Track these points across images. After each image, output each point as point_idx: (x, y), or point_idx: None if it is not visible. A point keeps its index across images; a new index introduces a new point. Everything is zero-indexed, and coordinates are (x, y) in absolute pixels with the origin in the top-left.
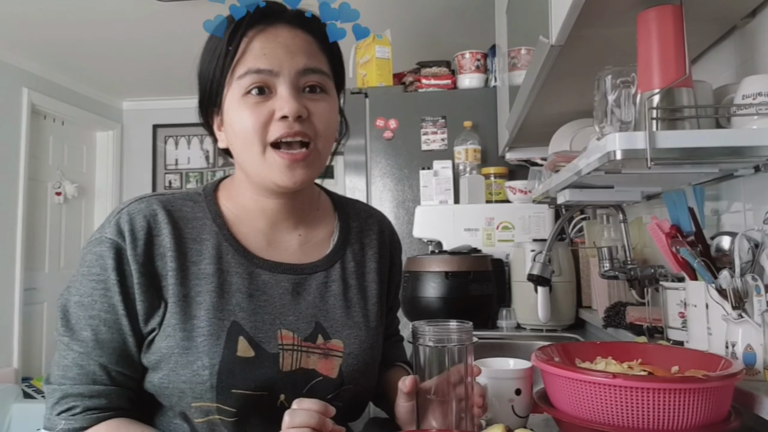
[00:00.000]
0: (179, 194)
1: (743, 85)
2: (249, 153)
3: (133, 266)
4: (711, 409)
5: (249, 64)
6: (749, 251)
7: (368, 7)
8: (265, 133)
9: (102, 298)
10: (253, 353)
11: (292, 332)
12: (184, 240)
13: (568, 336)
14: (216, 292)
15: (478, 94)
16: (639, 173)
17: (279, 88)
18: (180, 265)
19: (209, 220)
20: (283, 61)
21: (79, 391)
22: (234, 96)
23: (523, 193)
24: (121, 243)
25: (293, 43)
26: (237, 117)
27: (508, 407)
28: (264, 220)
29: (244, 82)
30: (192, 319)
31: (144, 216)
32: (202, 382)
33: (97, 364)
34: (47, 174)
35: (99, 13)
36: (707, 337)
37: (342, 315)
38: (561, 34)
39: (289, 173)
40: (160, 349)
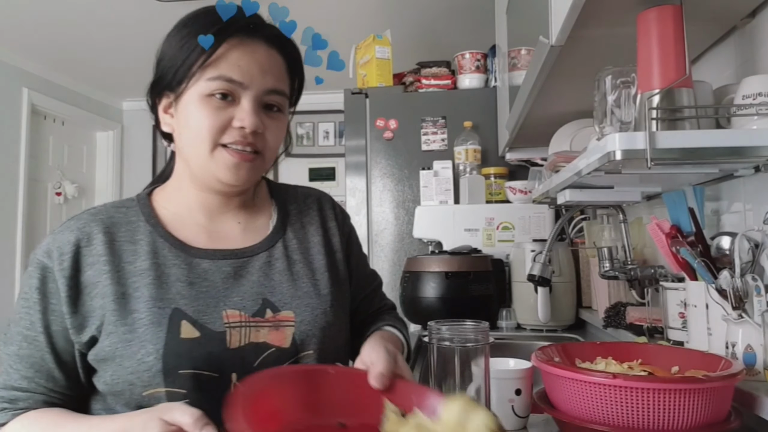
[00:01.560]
0: (111, 204)
1: (743, 86)
2: (198, 149)
3: (60, 282)
4: (711, 409)
5: (222, 71)
6: (749, 251)
7: (368, 7)
8: (220, 136)
9: (26, 315)
10: (198, 334)
11: (238, 311)
12: (117, 243)
13: (568, 336)
14: (153, 284)
15: (478, 95)
16: (639, 173)
17: (243, 100)
18: (114, 267)
19: (143, 222)
20: (255, 77)
21: (3, 395)
22: (197, 92)
23: (523, 193)
24: (47, 262)
25: (267, 63)
26: (195, 114)
27: (508, 407)
28: (204, 214)
29: (213, 85)
30: (132, 313)
31: (72, 231)
32: (149, 368)
33: (18, 374)
34: (47, 174)
35: (99, 13)
36: (707, 338)
37: (289, 288)
38: (561, 35)
39: (235, 171)
40: (103, 349)
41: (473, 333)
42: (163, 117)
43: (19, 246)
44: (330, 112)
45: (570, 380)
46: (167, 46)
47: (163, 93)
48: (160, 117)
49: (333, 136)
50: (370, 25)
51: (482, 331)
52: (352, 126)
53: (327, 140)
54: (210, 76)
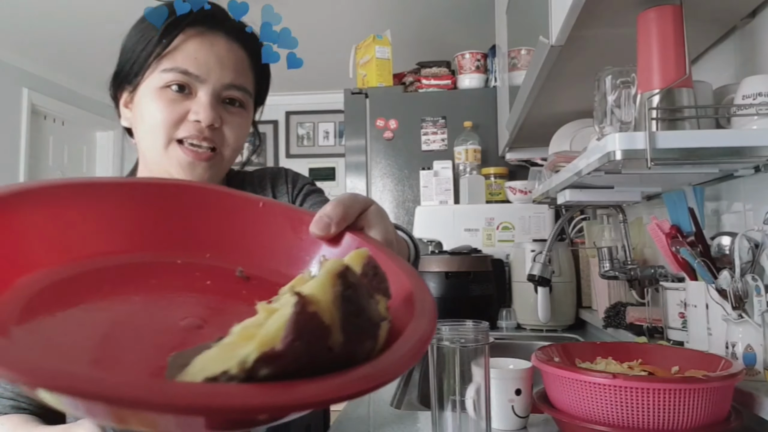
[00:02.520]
0: None
1: (743, 86)
2: (152, 143)
3: None
4: (711, 409)
5: (178, 62)
6: (749, 251)
7: (368, 7)
8: (174, 130)
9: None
10: None
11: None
12: None
13: (568, 336)
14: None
15: (478, 95)
16: (639, 173)
17: (200, 93)
18: None
19: None
20: (212, 70)
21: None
22: (152, 84)
23: (523, 193)
24: None
25: (226, 56)
26: (149, 106)
27: (508, 407)
28: None
29: (167, 76)
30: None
31: None
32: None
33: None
34: (47, 174)
35: (99, 13)
36: (707, 338)
37: None
38: (561, 35)
39: (190, 170)
40: None
41: (473, 333)
42: (123, 112)
43: None
44: (330, 112)
45: (570, 380)
46: (127, 38)
47: (123, 86)
48: (120, 112)
49: (333, 136)
50: (370, 25)
51: (482, 331)
52: (352, 126)
53: (327, 140)
54: (165, 67)
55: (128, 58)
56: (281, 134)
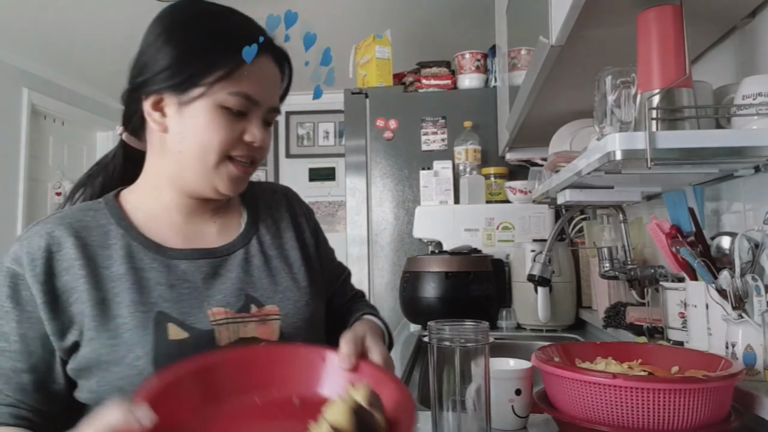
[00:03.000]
0: (77, 207)
1: (743, 86)
2: (203, 158)
3: (35, 288)
4: (711, 409)
5: (244, 88)
6: (749, 251)
7: (368, 7)
8: (229, 150)
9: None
10: (187, 334)
11: (222, 308)
12: (90, 247)
13: (568, 336)
14: (133, 288)
15: (478, 95)
16: (639, 173)
17: (253, 116)
18: (91, 272)
19: (113, 225)
20: (265, 96)
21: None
22: (213, 102)
23: (523, 193)
24: (17, 269)
25: (273, 81)
26: (209, 124)
27: (508, 407)
28: (180, 214)
29: (233, 100)
30: (114, 318)
31: (40, 236)
32: (140, 372)
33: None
34: (47, 174)
35: (100, 13)
36: (707, 338)
37: (269, 283)
38: (561, 35)
39: (235, 184)
40: (85, 356)
41: (473, 333)
42: (150, 113)
43: None
44: (330, 112)
45: (570, 380)
46: (180, 39)
47: (161, 91)
48: (145, 112)
49: (333, 136)
50: (370, 25)
51: (482, 331)
52: (352, 126)
53: (327, 140)
54: (231, 90)
55: (179, 67)
56: (281, 134)
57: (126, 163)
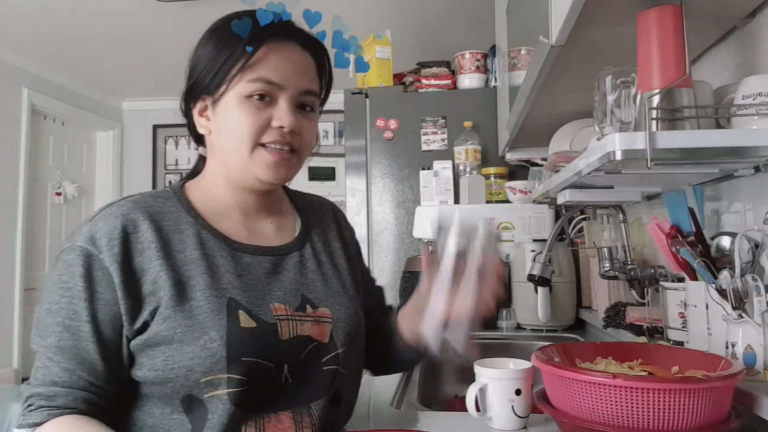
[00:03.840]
0: (147, 193)
1: (743, 86)
2: (238, 149)
3: (112, 267)
4: (711, 409)
5: (261, 73)
6: (749, 251)
7: (368, 7)
8: (259, 136)
9: (67, 305)
10: (255, 324)
11: (283, 305)
12: (164, 231)
13: (568, 336)
14: (207, 273)
15: (478, 95)
16: (639, 173)
17: (280, 100)
18: (166, 254)
19: (183, 213)
20: (291, 79)
21: (38, 391)
22: (236, 94)
23: (523, 193)
24: (91, 249)
25: (301, 64)
26: (236, 115)
27: (508, 407)
28: (239, 212)
29: (252, 86)
30: (189, 300)
31: (117, 217)
32: (212, 354)
33: (58, 367)
34: (47, 174)
35: (99, 13)
36: (707, 338)
37: (322, 287)
38: (561, 35)
39: (274, 170)
40: (159, 333)
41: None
42: (198, 120)
43: (19, 246)
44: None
45: (570, 380)
46: (203, 51)
47: (200, 97)
48: (195, 120)
49: (333, 136)
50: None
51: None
52: (352, 126)
53: (327, 140)
54: (249, 78)
55: (207, 70)
56: None
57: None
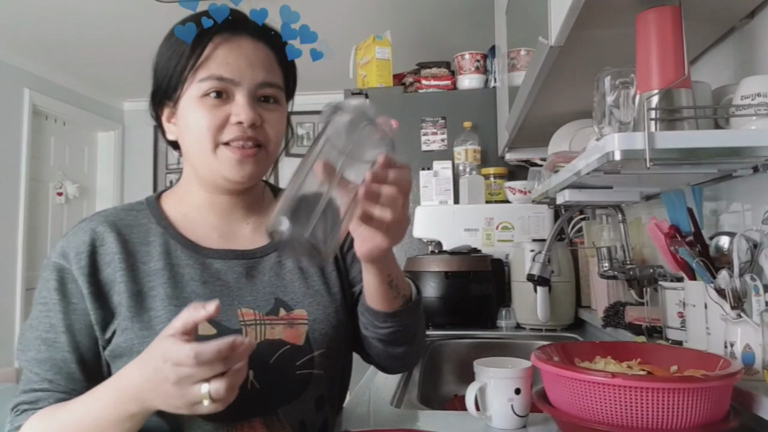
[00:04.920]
0: (121, 207)
1: (742, 86)
2: (200, 149)
3: (80, 280)
4: (710, 408)
5: (212, 70)
6: (748, 251)
7: (368, 7)
8: (219, 134)
9: (45, 319)
10: (215, 331)
11: (252, 309)
12: (130, 243)
13: (568, 336)
14: (168, 283)
15: (477, 95)
16: (638, 174)
17: (237, 95)
18: (129, 266)
19: (154, 224)
20: (244, 72)
21: (23, 399)
22: (192, 95)
23: (523, 193)
24: (64, 264)
25: (255, 56)
26: (193, 115)
27: (508, 407)
28: (215, 214)
29: (205, 85)
30: (148, 311)
31: (85, 232)
32: None
33: (39, 377)
34: (49, 174)
35: (100, 13)
36: (706, 337)
37: (301, 287)
38: (560, 35)
39: (239, 168)
40: (119, 345)
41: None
42: (167, 126)
43: (20, 246)
44: None
45: (569, 379)
46: (159, 56)
47: (163, 103)
48: (164, 127)
49: None
50: (370, 26)
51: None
52: None
53: None
54: (201, 77)
55: (164, 75)
56: None
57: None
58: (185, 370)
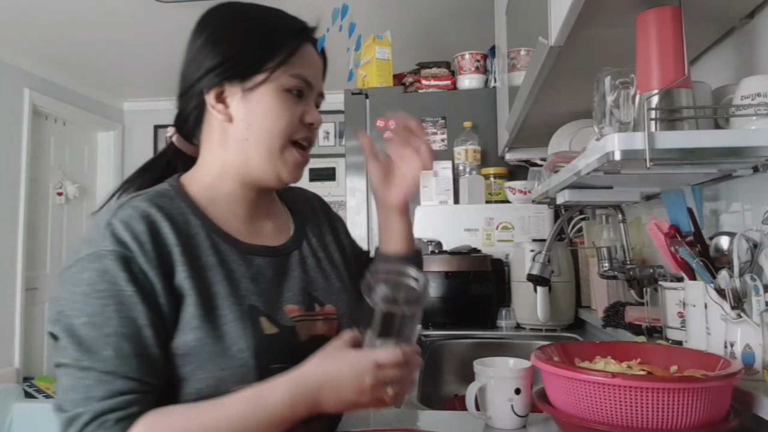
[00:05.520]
0: (152, 192)
1: (742, 86)
2: (269, 142)
3: (149, 270)
4: (710, 408)
5: (300, 70)
6: (748, 251)
7: (368, 7)
8: (293, 132)
9: (117, 314)
10: (276, 329)
11: (296, 305)
12: (181, 235)
13: (568, 336)
14: (225, 281)
15: (477, 95)
16: (638, 174)
17: (310, 98)
18: (187, 259)
19: (190, 214)
20: (316, 79)
21: (109, 407)
22: (277, 85)
23: (523, 193)
24: (126, 252)
25: (318, 66)
26: (275, 107)
27: (508, 407)
28: (243, 208)
29: (293, 81)
30: (214, 309)
31: (137, 219)
32: (243, 365)
33: (122, 378)
34: (49, 174)
35: (101, 13)
36: (706, 337)
37: (324, 283)
38: (560, 35)
39: (297, 171)
40: (187, 343)
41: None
42: (214, 105)
43: (20, 246)
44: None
45: (569, 379)
46: (235, 33)
47: (224, 81)
48: (209, 105)
49: (333, 136)
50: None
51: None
52: (352, 126)
53: (327, 140)
54: (292, 72)
55: (243, 55)
56: None
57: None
58: (389, 372)
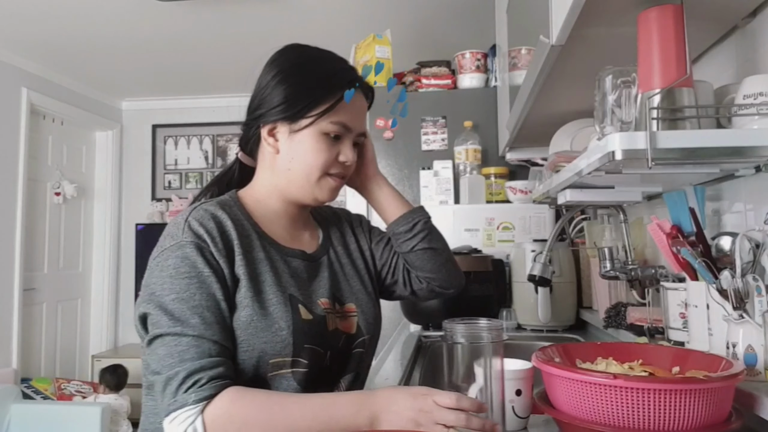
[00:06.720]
0: (218, 200)
1: (744, 85)
2: (308, 175)
3: (219, 258)
4: (712, 409)
5: (341, 117)
6: (750, 251)
7: (368, 7)
8: (328, 168)
9: (199, 290)
10: (311, 316)
11: (328, 299)
12: (239, 232)
13: (569, 336)
14: (272, 272)
15: (478, 94)
16: (640, 173)
17: (346, 140)
18: (243, 252)
19: (245, 219)
20: (356, 123)
21: (201, 366)
22: (318, 129)
23: (524, 193)
24: (201, 243)
25: (362, 110)
26: (314, 149)
27: (509, 408)
28: (287, 220)
29: (333, 127)
30: (261, 293)
31: (208, 219)
32: (282, 341)
33: (209, 341)
34: (46, 174)
35: (99, 13)
36: (708, 338)
37: (347, 286)
38: (561, 34)
39: (332, 194)
40: (239, 318)
41: (488, 331)
42: (266, 138)
43: (18, 246)
44: None
45: (570, 381)
46: (294, 79)
47: (278, 120)
48: (263, 137)
49: None
50: (370, 25)
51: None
52: None
53: None
54: (333, 120)
55: (295, 101)
56: None
57: (240, 176)
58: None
